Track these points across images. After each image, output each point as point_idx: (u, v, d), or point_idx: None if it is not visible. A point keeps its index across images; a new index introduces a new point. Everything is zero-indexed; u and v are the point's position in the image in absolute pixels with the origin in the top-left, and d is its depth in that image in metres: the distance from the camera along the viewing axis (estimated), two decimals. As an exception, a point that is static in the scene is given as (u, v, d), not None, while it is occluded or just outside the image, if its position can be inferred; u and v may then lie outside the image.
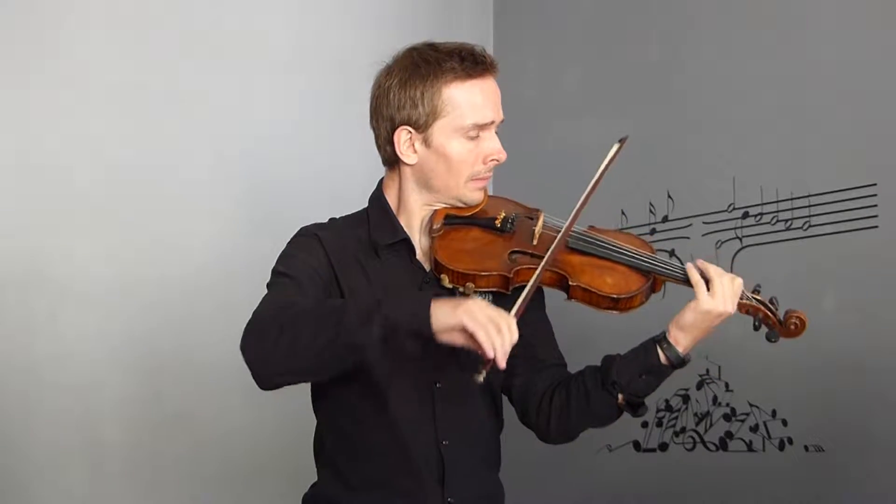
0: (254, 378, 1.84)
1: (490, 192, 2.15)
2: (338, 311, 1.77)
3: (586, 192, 2.03)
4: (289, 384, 1.88)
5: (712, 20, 3.45)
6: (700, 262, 2.01)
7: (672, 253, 3.42)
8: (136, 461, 3.05)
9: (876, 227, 3.01)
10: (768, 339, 2.02)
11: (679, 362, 1.99)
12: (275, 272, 2.00)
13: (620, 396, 2.01)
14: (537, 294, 2.13)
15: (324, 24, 3.56)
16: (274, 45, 3.45)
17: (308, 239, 2.03)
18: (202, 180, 3.24)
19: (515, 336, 1.73)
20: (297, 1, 3.54)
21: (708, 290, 1.95)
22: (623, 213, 3.56)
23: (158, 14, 3.21)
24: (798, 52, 3.23)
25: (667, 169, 3.48)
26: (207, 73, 3.27)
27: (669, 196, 3.47)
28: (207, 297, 3.17)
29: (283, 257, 2.02)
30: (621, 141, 2.05)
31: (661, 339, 1.99)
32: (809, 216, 3.15)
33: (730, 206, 3.32)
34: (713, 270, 1.98)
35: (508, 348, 1.72)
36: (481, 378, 1.74)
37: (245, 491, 3.15)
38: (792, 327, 2.01)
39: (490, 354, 1.70)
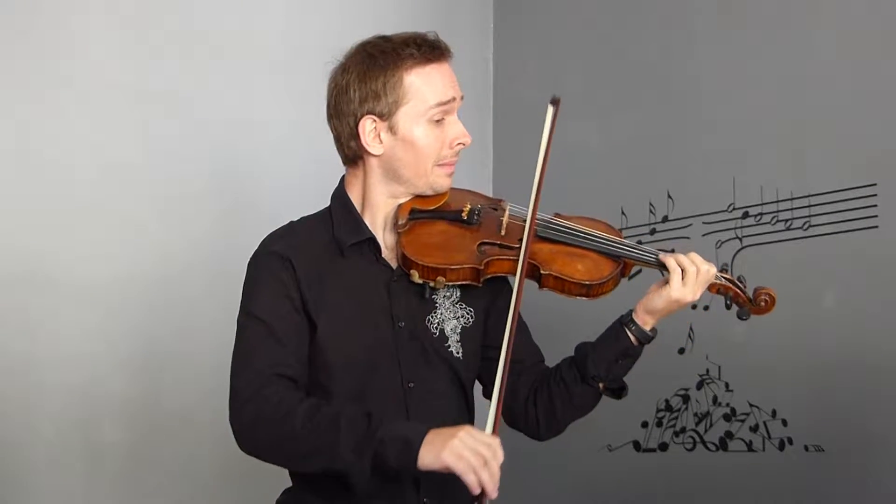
0: (239, 445, 1.93)
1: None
2: (332, 437, 1.82)
3: (538, 174, 2.02)
4: None
5: (712, 20, 3.45)
6: (668, 254, 2.04)
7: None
8: (136, 461, 3.05)
9: (876, 227, 3.01)
10: (739, 317, 2.05)
11: (648, 340, 2.04)
12: (245, 311, 2.00)
13: (601, 385, 2.05)
14: (508, 292, 2.13)
15: (323, 25, 3.56)
16: (274, 45, 3.45)
17: (269, 259, 2.01)
18: (202, 180, 3.24)
19: (501, 459, 1.79)
20: (296, 1, 3.54)
21: (682, 278, 1.99)
22: (623, 212, 3.56)
23: (158, 14, 3.21)
24: (798, 52, 3.23)
25: (667, 169, 3.48)
26: (207, 73, 3.27)
27: (669, 196, 3.47)
28: (207, 296, 3.17)
29: (250, 289, 2.01)
30: (554, 103, 2.05)
31: (629, 321, 2.03)
32: (809, 216, 3.15)
33: (730, 206, 3.32)
34: (686, 260, 2.01)
35: (497, 477, 1.78)
36: None
37: (244, 490, 3.15)
38: (762, 303, 2.03)
39: (476, 492, 1.78)
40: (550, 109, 2.02)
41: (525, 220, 2.03)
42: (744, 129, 3.32)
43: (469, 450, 1.78)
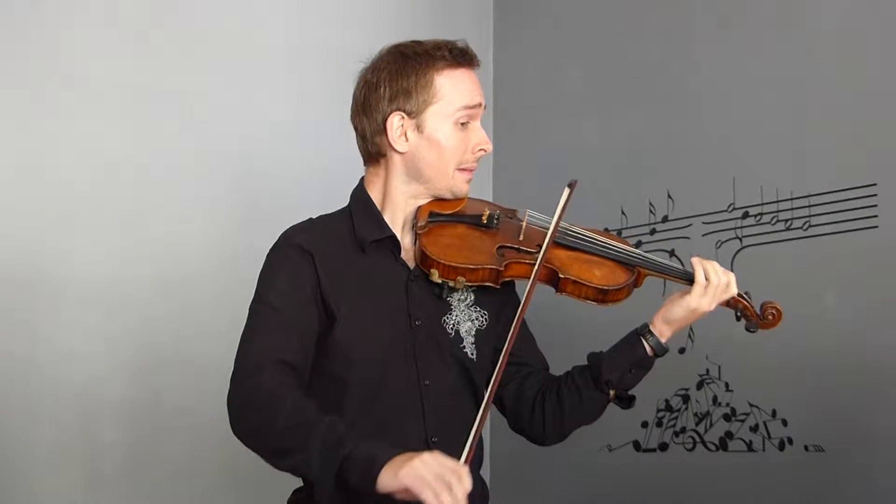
0: (230, 425, 1.94)
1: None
2: (305, 441, 1.81)
3: (550, 234, 2.03)
4: None
5: (712, 20, 3.45)
6: (697, 260, 2.06)
7: (672, 253, 3.42)
8: (136, 461, 3.05)
9: (876, 227, 3.01)
10: (747, 329, 2.10)
11: (662, 352, 2.06)
12: (259, 297, 2.01)
13: (612, 393, 2.07)
14: (517, 301, 2.14)
15: (323, 25, 3.56)
16: (273, 45, 3.45)
17: (289, 250, 2.03)
18: (202, 180, 3.24)
19: (468, 488, 1.72)
20: (296, 1, 3.54)
21: (705, 290, 2.02)
22: (623, 212, 3.56)
23: (158, 14, 3.21)
24: (798, 52, 3.23)
25: (667, 169, 3.48)
26: (207, 73, 3.28)
27: (669, 196, 3.47)
28: (207, 297, 3.17)
29: (266, 277, 2.03)
30: (570, 185, 2.07)
31: (646, 332, 2.06)
32: (809, 216, 3.15)
33: (730, 206, 3.32)
34: (711, 270, 2.04)
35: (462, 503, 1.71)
36: None
37: (245, 491, 3.15)
38: (770, 317, 2.08)
39: None
40: (566, 192, 2.05)
41: (542, 228, 2.07)
42: (744, 129, 3.32)
43: (430, 472, 1.72)
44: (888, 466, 2.92)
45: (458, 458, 1.89)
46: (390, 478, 1.74)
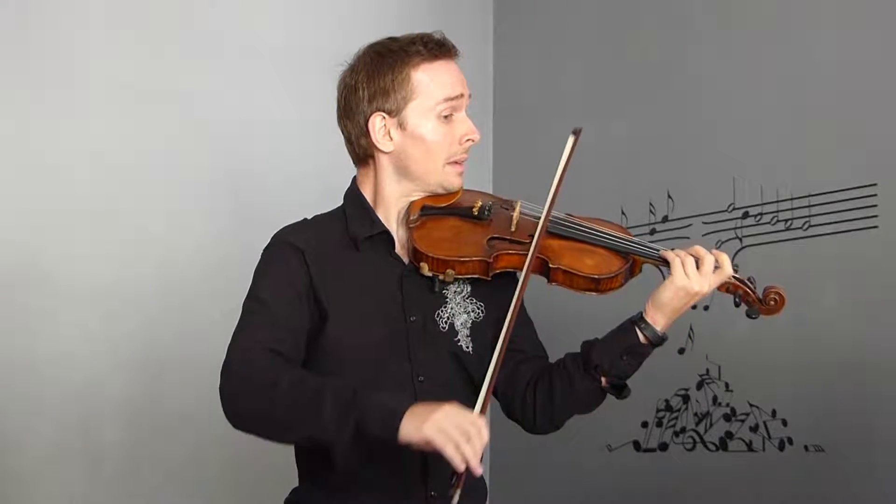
0: (226, 416, 1.91)
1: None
2: (315, 405, 1.81)
3: (554, 188, 2.02)
4: None
5: (712, 20, 3.45)
6: (663, 250, 2.04)
7: (672, 253, 3.42)
8: (136, 461, 3.05)
9: (876, 227, 3.01)
10: (748, 315, 2.05)
11: (658, 341, 2.02)
12: (251, 295, 2.01)
13: (604, 379, 2.04)
14: (515, 287, 2.13)
15: (323, 25, 3.56)
16: (273, 45, 3.45)
17: (281, 249, 2.03)
18: (202, 180, 3.24)
19: (485, 439, 1.76)
20: (296, 1, 3.54)
21: (684, 268, 1.99)
22: (623, 212, 3.56)
23: (158, 14, 3.21)
24: (798, 52, 3.23)
25: (667, 169, 3.48)
26: (207, 73, 3.28)
27: (669, 196, 3.47)
28: (207, 296, 3.17)
29: (258, 276, 2.03)
30: (576, 133, 2.06)
31: (639, 320, 2.03)
32: (809, 216, 3.15)
33: (730, 206, 3.32)
34: (686, 251, 2.01)
35: (480, 455, 1.75)
36: (455, 498, 1.77)
37: (244, 490, 3.15)
38: (772, 303, 2.04)
39: (460, 468, 1.74)
40: (571, 139, 2.04)
41: (535, 218, 2.04)
42: (744, 129, 3.32)
43: (452, 425, 1.75)
44: (888, 466, 2.92)
45: None
46: (412, 430, 1.76)
